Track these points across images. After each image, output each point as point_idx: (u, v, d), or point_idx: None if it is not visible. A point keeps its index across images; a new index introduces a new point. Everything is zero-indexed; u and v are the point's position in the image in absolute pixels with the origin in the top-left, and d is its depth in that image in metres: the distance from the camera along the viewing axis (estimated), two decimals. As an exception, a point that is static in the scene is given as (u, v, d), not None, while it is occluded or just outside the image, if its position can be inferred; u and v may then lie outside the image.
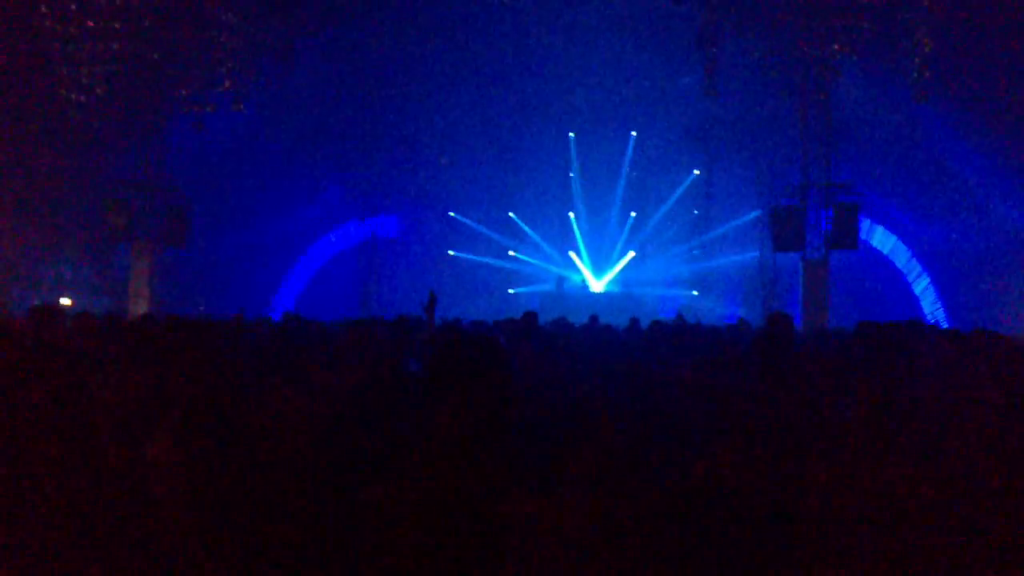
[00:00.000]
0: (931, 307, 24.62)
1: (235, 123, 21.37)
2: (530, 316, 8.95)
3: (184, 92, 20.56)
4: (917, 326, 7.38)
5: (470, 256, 28.53)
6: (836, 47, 17.92)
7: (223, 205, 22.80)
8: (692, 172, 27.03)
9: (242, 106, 20.51)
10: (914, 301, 25.02)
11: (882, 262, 25.57)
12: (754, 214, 25.35)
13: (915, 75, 18.03)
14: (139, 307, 19.35)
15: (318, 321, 9.87)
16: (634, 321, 12.57)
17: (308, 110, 23.97)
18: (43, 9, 17.81)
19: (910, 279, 25.47)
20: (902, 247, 25.70)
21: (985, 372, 5.44)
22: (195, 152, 21.55)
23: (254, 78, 20.81)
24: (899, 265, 25.74)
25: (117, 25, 18.34)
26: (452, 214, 28.61)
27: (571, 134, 27.79)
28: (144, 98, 20.27)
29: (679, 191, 27.54)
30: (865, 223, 22.69)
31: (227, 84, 20.24)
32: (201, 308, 20.33)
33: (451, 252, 28.47)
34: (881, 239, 25.72)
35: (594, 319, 13.65)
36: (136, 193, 20.79)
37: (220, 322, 9.47)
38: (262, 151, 23.41)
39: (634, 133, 27.24)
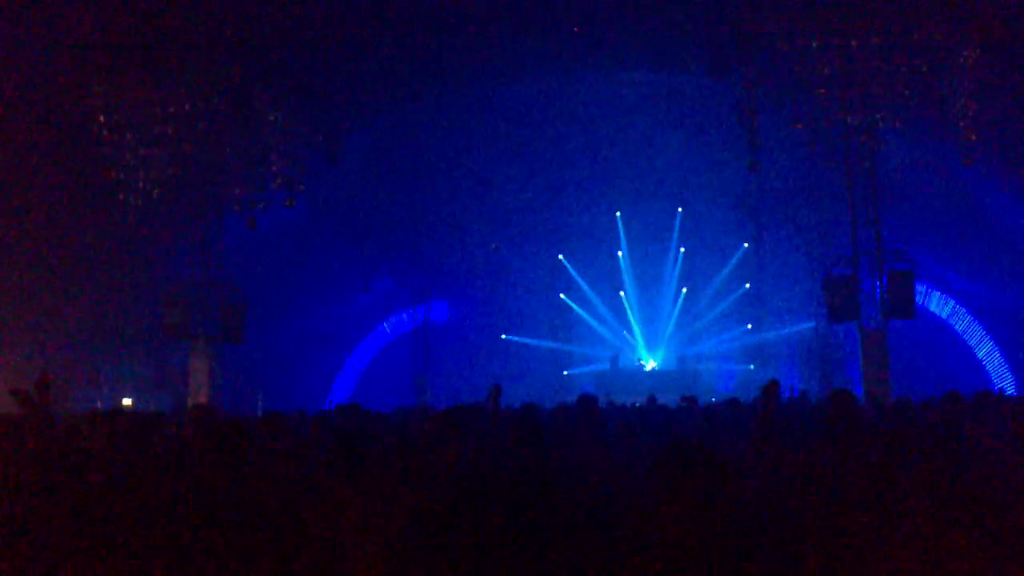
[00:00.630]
0: (996, 371, 24.03)
1: (287, 219, 21.80)
2: (587, 400, 8.79)
3: (237, 191, 21.01)
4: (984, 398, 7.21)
5: (523, 339, 28.54)
6: (878, 114, 17.91)
7: (278, 300, 23.15)
8: (742, 244, 26.95)
9: (293, 202, 20.92)
10: (979, 365, 24.44)
11: (942, 328, 25.09)
12: (807, 285, 25.13)
13: (960, 137, 17.93)
14: (199, 403, 19.51)
15: (377, 412, 9.86)
16: (690, 401, 12.41)
17: (357, 202, 24.47)
18: (100, 118, 18.46)
19: (972, 343, 24.93)
20: (961, 311, 25.22)
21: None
22: (249, 249, 21.95)
23: (303, 174, 21.26)
24: (959, 330, 25.24)
25: (170, 130, 18.93)
26: (504, 298, 28.69)
27: (617, 213, 27.95)
28: (198, 199, 20.79)
29: (730, 264, 27.45)
30: (921, 289, 22.34)
31: (278, 182, 20.70)
32: (259, 402, 20.53)
33: (504, 336, 28.49)
34: (938, 304, 25.28)
35: (652, 399, 13.54)
36: (193, 291, 21.12)
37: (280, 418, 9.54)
38: (314, 245, 23.84)
39: (680, 209, 27.33)
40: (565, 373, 28.27)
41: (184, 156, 19.43)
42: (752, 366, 27.09)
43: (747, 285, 27.30)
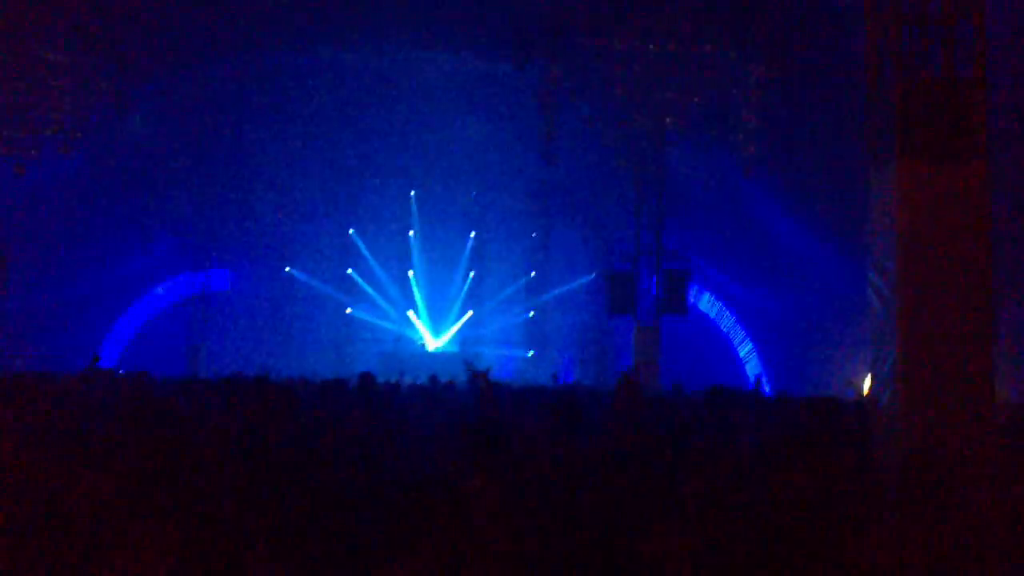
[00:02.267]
0: (753, 370, 25.73)
1: (61, 168, 20.42)
2: (366, 378, 8.76)
3: (5, 134, 19.53)
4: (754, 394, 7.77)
5: (306, 314, 28.00)
6: (669, 120, 18.76)
7: (47, 255, 21.67)
8: (531, 234, 27.54)
9: (70, 150, 19.62)
10: (739, 364, 26.11)
11: (709, 326, 26.62)
12: (589, 278, 26.02)
13: (741, 150, 19.06)
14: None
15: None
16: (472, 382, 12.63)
17: (139, 158, 23.16)
18: None
19: (735, 343, 26.60)
20: (727, 312, 26.86)
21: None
22: (15, 197, 20.45)
23: (83, 123, 19.97)
24: (724, 329, 26.86)
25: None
26: (288, 269, 28.04)
27: (412, 192, 27.89)
28: (-40, 139, 19.20)
29: (517, 252, 27.98)
30: (693, 289, 23.59)
31: (54, 127, 19.35)
32: (17, 362, 19.24)
33: (286, 308, 27.87)
34: (708, 305, 26.81)
35: (434, 379, 13.63)
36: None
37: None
38: (89, 198, 22.42)
39: (474, 193, 27.59)
40: (348, 351, 27.95)
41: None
42: (531, 352, 27.76)
43: (532, 273, 27.90)
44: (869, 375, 18.90)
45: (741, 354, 26.49)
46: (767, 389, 21.48)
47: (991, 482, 4.76)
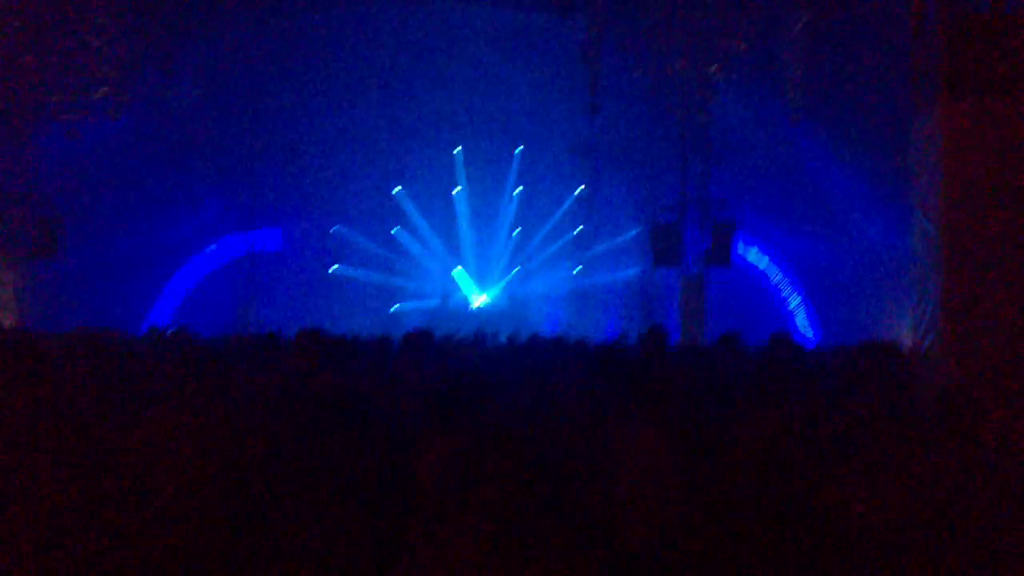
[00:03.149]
0: (803, 323, 25.44)
1: (111, 131, 20.64)
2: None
3: (56, 99, 19.76)
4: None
5: (353, 271, 28.20)
6: (715, 68, 18.44)
7: (97, 217, 21.97)
8: (577, 188, 27.36)
9: (119, 114, 19.81)
10: (788, 317, 25.81)
11: (758, 279, 26.31)
12: (635, 231, 25.82)
13: (789, 98, 18.69)
14: (6, 320, 18.47)
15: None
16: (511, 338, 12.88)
17: (188, 120, 23.31)
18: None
19: (784, 295, 26.28)
20: (775, 265, 26.51)
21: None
22: (68, 161, 20.74)
23: (132, 85, 20.14)
24: (773, 282, 26.54)
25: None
26: (335, 229, 28.19)
27: (456, 149, 27.83)
28: (12, 104, 19.43)
29: (564, 207, 27.84)
30: (740, 241, 23.31)
31: (103, 91, 19.54)
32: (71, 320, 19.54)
33: (334, 268, 28.09)
34: (756, 257, 26.47)
35: (478, 334, 13.65)
36: (2, 203, 19.87)
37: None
38: (139, 161, 22.64)
39: (520, 148, 27.45)
40: (394, 309, 28.13)
41: (-2, 55, 18.11)
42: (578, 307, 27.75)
43: (579, 228, 27.75)
44: (911, 317, 18.60)
45: (790, 307, 26.17)
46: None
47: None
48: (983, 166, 5.64)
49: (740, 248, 22.81)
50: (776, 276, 26.41)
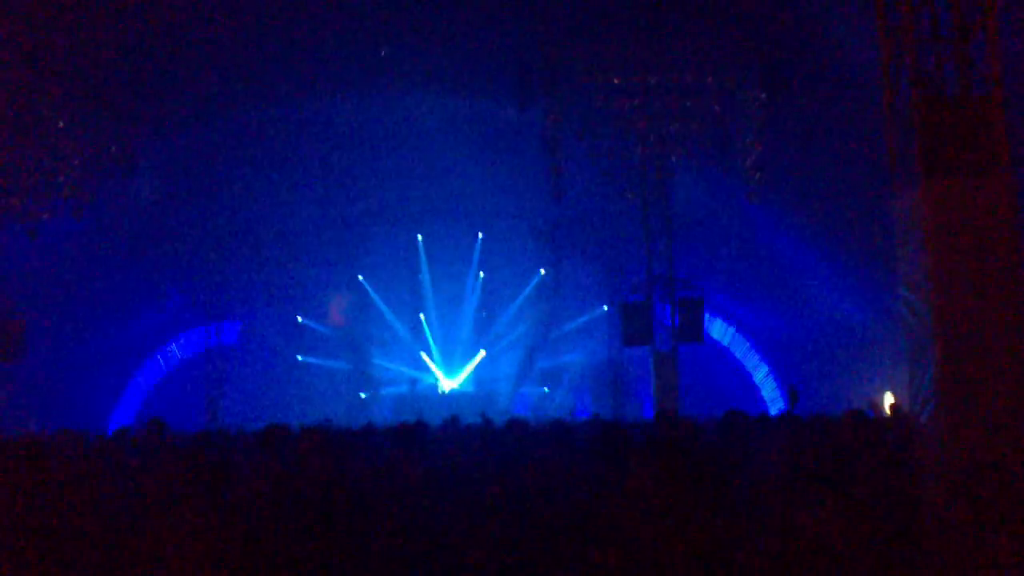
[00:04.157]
0: (770, 394, 25.76)
1: (73, 230, 20.57)
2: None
3: (17, 200, 19.68)
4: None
5: (318, 361, 28.10)
6: (673, 150, 18.96)
7: (60, 315, 21.80)
8: (539, 271, 27.65)
9: (81, 213, 19.76)
10: (755, 390, 26.12)
11: (723, 353, 26.66)
12: (601, 311, 26.11)
13: (746, 176, 19.20)
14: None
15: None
16: (487, 421, 13.01)
17: (148, 216, 23.32)
18: None
19: (749, 369, 26.63)
20: (740, 338, 26.91)
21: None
22: (29, 261, 20.60)
23: (94, 184, 20.14)
24: (739, 356, 26.90)
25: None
26: (300, 319, 28.17)
27: (419, 236, 28.06)
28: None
29: (527, 289, 28.09)
30: (705, 316, 23.66)
31: (65, 192, 19.52)
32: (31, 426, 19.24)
33: (299, 357, 27.97)
34: (720, 331, 26.86)
35: (455, 420, 13.66)
36: (-37, 307, 19.66)
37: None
38: (100, 258, 22.57)
39: (481, 234, 27.76)
40: (362, 395, 27.99)
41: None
42: (547, 388, 27.80)
43: (544, 308, 27.94)
44: (890, 393, 18.85)
45: (756, 379, 26.51)
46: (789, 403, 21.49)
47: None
48: (967, 242, 5.91)
49: (705, 322, 23.15)
50: (742, 349, 26.81)
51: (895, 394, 19.53)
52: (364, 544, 4.13)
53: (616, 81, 18.47)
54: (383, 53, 20.60)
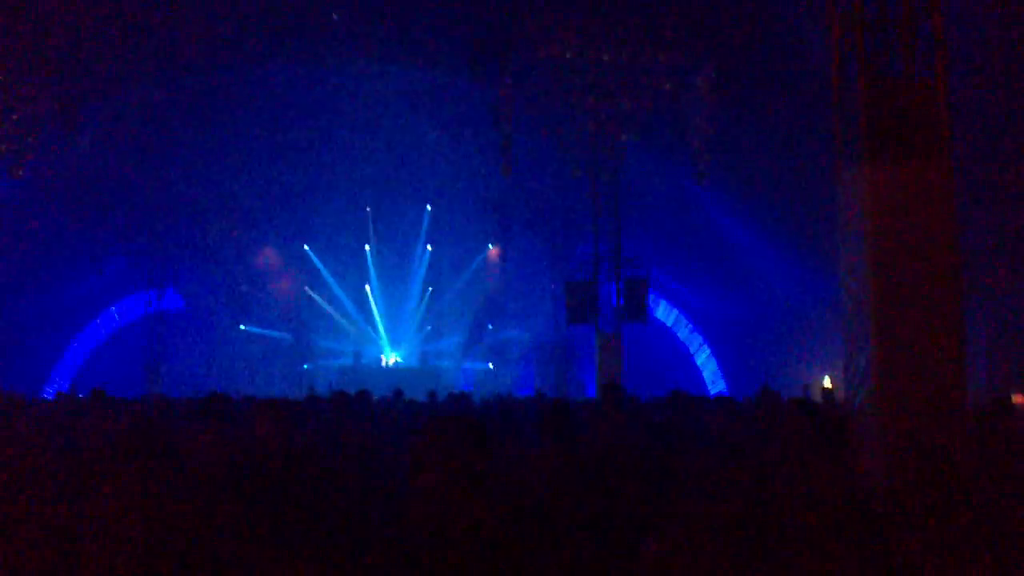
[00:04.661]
0: (712, 376, 26.01)
1: (11, 188, 20.05)
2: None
3: (-48, 157, 19.14)
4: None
5: (261, 331, 27.79)
6: (623, 128, 18.92)
7: (-2, 277, 21.30)
8: (487, 246, 27.57)
9: (21, 172, 19.26)
10: (696, 371, 26.35)
11: (667, 333, 26.83)
12: (547, 288, 26.12)
13: (694, 158, 19.27)
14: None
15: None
16: (432, 395, 13.16)
17: (90, 178, 22.77)
18: None
19: (692, 350, 26.85)
20: (684, 320, 27.10)
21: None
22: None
23: (34, 143, 19.61)
24: (681, 336, 27.10)
25: None
26: (244, 288, 27.79)
27: (367, 208, 27.81)
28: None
29: (474, 265, 28.01)
30: (650, 296, 23.77)
31: (3, 148, 19.00)
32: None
33: (242, 327, 27.63)
34: (664, 312, 27.02)
35: (398, 394, 13.60)
36: None
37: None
38: (40, 220, 22.03)
39: (429, 207, 27.59)
40: (305, 367, 27.77)
41: None
42: (491, 364, 27.79)
43: (489, 284, 27.92)
44: (828, 376, 19.09)
45: (698, 360, 26.74)
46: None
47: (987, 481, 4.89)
48: (906, 227, 5.95)
49: (650, 303, 23.26)
50: (684, 330, 27.01)
51: (832, 378, 19.82)
52: (306, 514, 4.06)
53: (568, 56, 18.35)
54: (334, 17, 20.33)
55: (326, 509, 3.85)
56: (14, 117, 19.09)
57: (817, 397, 15.50)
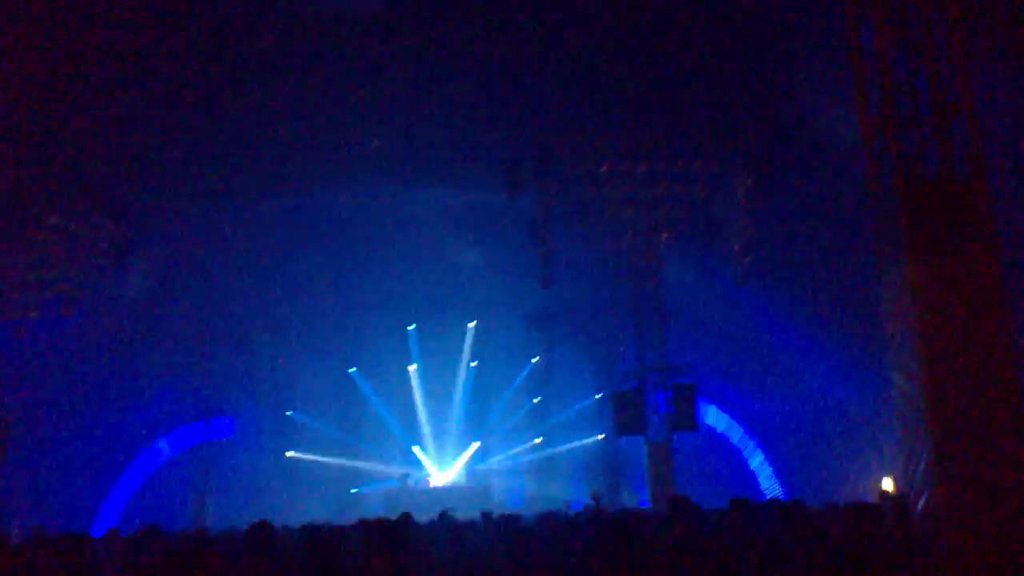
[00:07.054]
0: (767, 481, 25.38)
1: (61, 327, 20.39)
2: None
3: (6, 298, 19.57)
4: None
5: (309, 456, 27.66)
6: (662, 236, 18.99)
7: (48, 412, 21.47)
8: (531, 360, 27.46)
9: (71, 311, 19.62)
10: (751, 476, 25.75)
11: (718, 439, 26.34)
12: (593, 399, 25.87)
13: (734, 260, 19.23)
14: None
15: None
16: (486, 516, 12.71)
17: (138, 312, 23.15)
18: None
19: (745, 455, 26.30)
20: (735, 424, 26.62)
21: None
22: (15, 360, 20.34)
23: (82, 280, 20.04)
24: (734, 442, 26.58)
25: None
26: (289, 413, 27.80)
27: (410, 327, 27.93)
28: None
29: (520, 378, 27.86)
30: (699, 402, 23.44)
31: (56, 288, 19.42)
32: (14, 529, 18.80)
33: (289, 453, 27.52)
34: (715, 418, 26.58)
35: (444, 516, 13.33)
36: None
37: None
38: (89, 356, 22.31)
39: (471, 324, 27.65)
40: (353, 491, 27.51)
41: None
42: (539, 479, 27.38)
43: (536, 399, 27.70)
44: (889, 477, 18.53)
45: (752, 465, 26.16)
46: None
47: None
48: (955, 323, 5.82)
49: (699, 409, 22.93)
50: (736, 435, 26.52)
51: (893, 478, 19.26)
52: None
53: (604, 169, 18.59)
54: (373, 145, 20.77)
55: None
56: (63, 256, 19.55)
57: (876, 499, 15.01)
